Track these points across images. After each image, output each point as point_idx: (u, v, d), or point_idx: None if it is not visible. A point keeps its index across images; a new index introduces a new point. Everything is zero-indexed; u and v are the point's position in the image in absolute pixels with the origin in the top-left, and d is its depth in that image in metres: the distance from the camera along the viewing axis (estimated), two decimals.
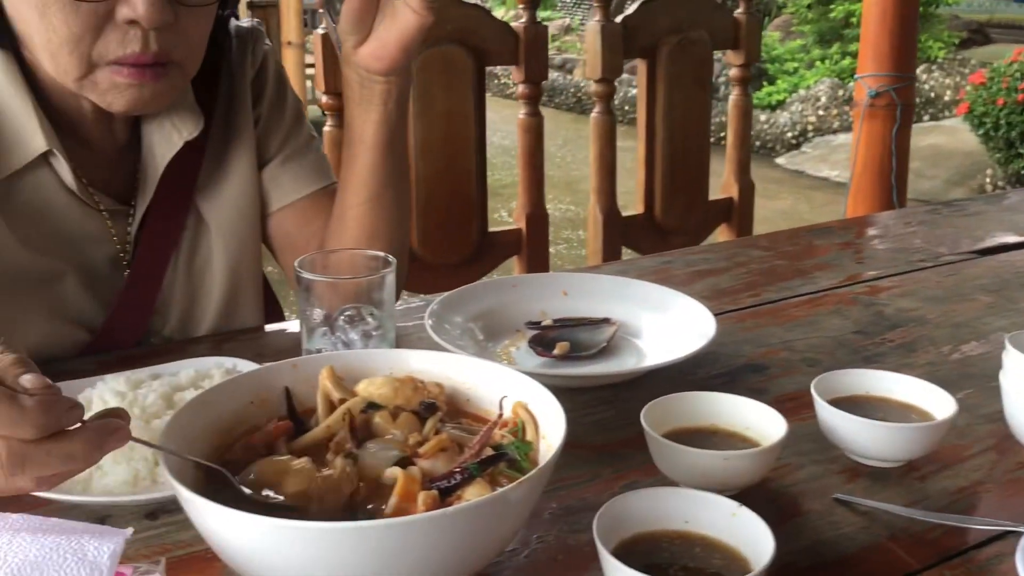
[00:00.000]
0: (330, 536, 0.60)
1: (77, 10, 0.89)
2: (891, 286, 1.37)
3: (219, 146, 1.14)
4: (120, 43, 0.92)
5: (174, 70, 0.97)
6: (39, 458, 0.59)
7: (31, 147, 0.99)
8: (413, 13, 0.95)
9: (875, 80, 3.07)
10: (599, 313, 1.18)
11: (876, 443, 0.87)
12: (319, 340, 0.93)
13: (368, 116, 1.04)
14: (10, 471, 0.58)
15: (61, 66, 0.93)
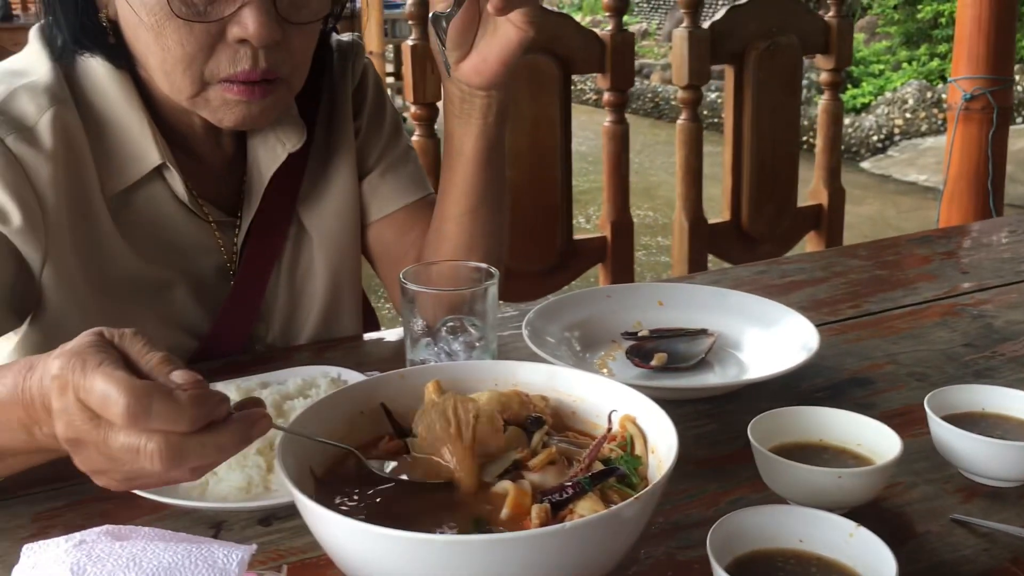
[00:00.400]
0: (447, 548, 0.60)
1: (191, 31, 0.92)
2: (998, 297, 1.33)
3: (321, 158, 1.16)
4: (231, 61, 0.94)
5: (281, 86, 0.99)
6: (195, 450, 0.62)
7: (146, 161, 1.02)
8: (515, 28, 0.95)
9: (970, 83, 2.98)
10: (696, 324, 1.16)
11: (995, 462, 0.84)
12: (423, 351, 0.94)
13: (468, 129, 1.05)
14: (168, 464, 0.62)
15: (175, 84, 0.96)
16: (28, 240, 0.96)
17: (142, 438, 0.61)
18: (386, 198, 1.21)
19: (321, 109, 1.16)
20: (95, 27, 0.98)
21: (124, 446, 0.62)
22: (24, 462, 0.77)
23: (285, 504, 0.81)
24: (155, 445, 0.61)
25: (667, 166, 7.32)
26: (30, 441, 0.71)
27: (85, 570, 0.57)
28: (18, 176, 0.95)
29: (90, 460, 0.65)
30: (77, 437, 0.64)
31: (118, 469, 0.64)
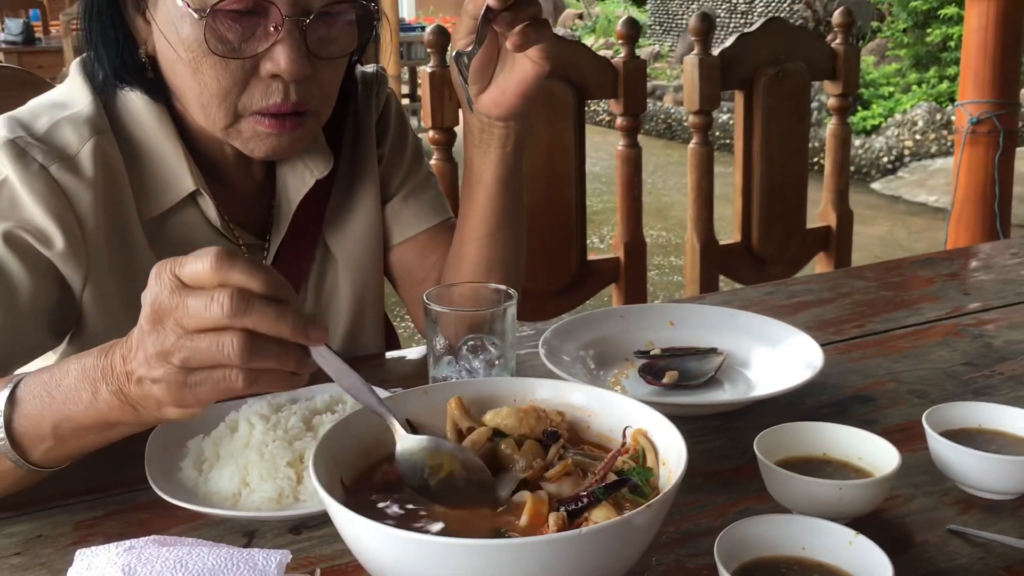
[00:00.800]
0: (469, 551, 0.64)
1: (226, 66, 0.98)
2: (999, 318, 1.37)
3: (346, 184, 1.22)
4: (263, 95, 1.00)
5: (310, 118, 1.04)
6: (261, 307, 0.69)
7: (181, 188, 1.08)
8: (531, 63, 1.01)
9: (976, 107, 3.03)
10: (706, 343, 1.21)
11: (990, 475, 0.88)
12: (445, 368, 0.99)
13: (487, 158, 1.10)
14: (233, 312, 0.68)
15: (211, 117, 1.01)
16: (70, 263, 1.02)
17: (216, 291, 0.69)
18: (408, 222, 1.26)
19: (346, 137, 1.22)
20: (135, 63, 1.03)
21: (200, 300, 0.69)
22: (78, 442, 0.82)
23: (315, 513, 0.86)
24: (227, 294, 0.69)
25: (680, 187, 7.36)
26: (90, 409, 0.78)
27: (135, 571, 0.62)
28: (61, 203, 1.01)
29: (162, 337, 0.71)
30: (159, 307, 0.71)
31: (185, 347, 0.70)
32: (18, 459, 0.82)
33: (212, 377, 0.72)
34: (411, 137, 1.29)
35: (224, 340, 0.70)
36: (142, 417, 0.78)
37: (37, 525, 0.88)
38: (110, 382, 0.77)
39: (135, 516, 0.89)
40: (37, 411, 0.80)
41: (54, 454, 0.83)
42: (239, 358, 0.70)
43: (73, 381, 0.79)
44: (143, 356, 0.73)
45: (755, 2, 11.92)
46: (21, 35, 6.97)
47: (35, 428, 0.81)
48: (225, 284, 0.70)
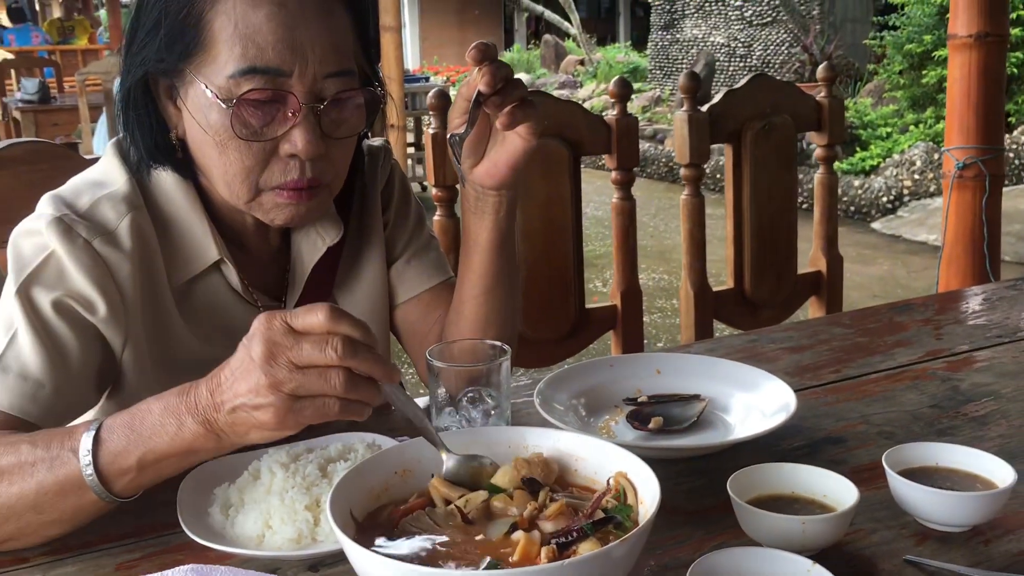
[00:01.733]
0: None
1: (249, 148, 1.09)
2: (967, 362, 1.46)
3: (354, 249, 1.32)
4: (282, 172, 1.11)
5: (324, 190, 1.16)
6: (364, 353, 0.88)
7: (206, 257, 1.18)
8: (520, 139, 1.12)
9: (962, 152, 3.14)
10: (690, 390, 1.30)
11: (943, 509, 0.97)
12: (446, 418, 1.09)
13: (482, 223, 1.21)
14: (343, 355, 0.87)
15: (235, 192, 1.13)
16: (111, 327, 1.12)
17: (327, 339, 0.87)
18: (411, 282, 1.36)
19: (354, 206, 1.33)
20: (166, 144, 1.15)
21: (314, 342, 0.87)
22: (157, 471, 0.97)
23: (331, 552, 0.95)
24: (339, 340, 0.87)
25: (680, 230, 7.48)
26: (175, 440, 0.93)
27: None
28: (103, 273, 1.12)
29: (276, 370, 0.87)
30: (274, 346, 0.88)
31: (296, 380, 0.87)
32: (103, 491, 0.95)
33: (314, 404, 0.89)
34: (414, 203, 1.40)
35: (331, 375, 0.87)
36: (223, 443, 0.94)
37: (81, 567, 0.97)
38: (196, 414, 0.92)
39: (170, 557, 0.98)
40: (122, 447, 0.94)
41: (134, 484, 0.97)
42: (342, 391, 0.88)
43: (157, 418, 0.94)
44: (249, 387, 0.88)
45: (753, 46, 12.14)
46: (37, 94, 7.16)
47: (120, 462, 0.94)
48: (335, 333, 0.87)
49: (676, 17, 13.43)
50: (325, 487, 1.01)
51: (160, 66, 1.10)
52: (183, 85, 1.10)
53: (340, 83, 1.11)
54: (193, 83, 1.09)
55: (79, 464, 0.94)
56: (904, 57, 8.72)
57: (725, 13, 12.60)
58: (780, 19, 11.78)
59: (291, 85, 1.07)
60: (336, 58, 1.10)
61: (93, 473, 0.94)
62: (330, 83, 1.10)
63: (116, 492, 0.96)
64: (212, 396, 0.91)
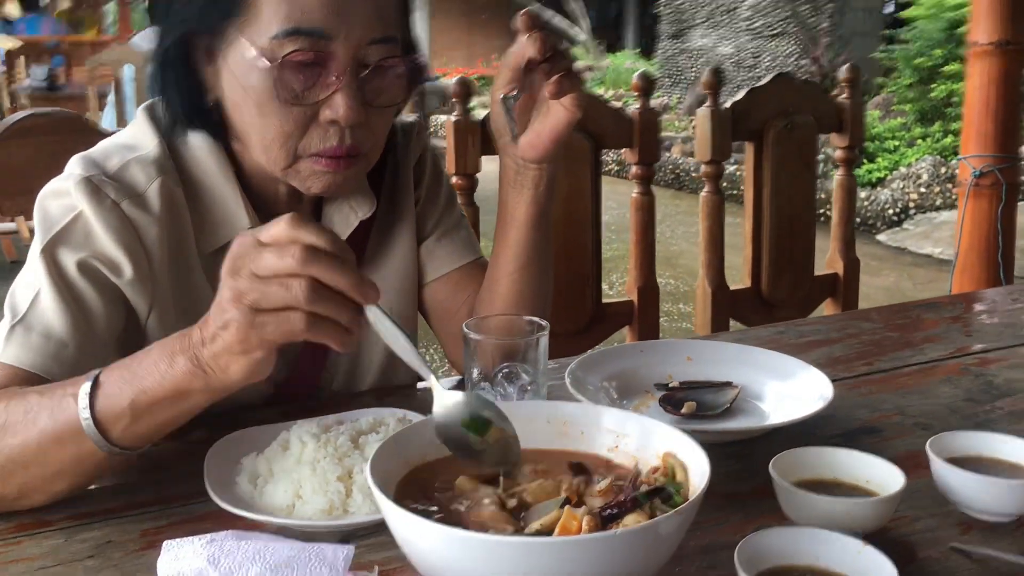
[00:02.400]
0: (510, 548, 0.71)
1: (290, 112, 1.07)
2: (999, 358, 1.44)
3: (384, 224, 1.30)
4: (321, 139, 1.09)
5: (361, 160, 1.14)
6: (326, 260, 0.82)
7: (238, 225, 1.16)
8: (564, 110, 1.10)
9: (979, 160, 3.12)
10: (721, 377, 1.28)
11: (989, 498, 0.95)
12: (482, 393, 1.06)
13: (521, 197, 1.19)
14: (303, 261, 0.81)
15: (272, 157, 1.10)
16: (138, 291, 1.10)
17: (288, 246, 0.82)
18: (441, 260, 1.34)
19: (386, 180, 1.31)
20: (203, 107, 1.13)
21: (273, 252, 0.82)
22: (152, 418, 0.93)
23: (363, 524, 0.93)
24: (297, 247, 0.81)
25: (688, 235, 7.46)
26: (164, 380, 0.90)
27: (219, 560, 0.69)
28: (131, 236, 1.09)
29: (237, 284, 0.84)
30: (237, 258, 0.84)
31: (256, 290, 0.83)
32: (99, 437, 0.92)
33: (277, 319, 0.83)
34: (445, 182, 1.38)
35: (292, 284, 0.82)
36: (211, 381, 0.89)
37: (107, 532, 0.95)
38: (186, 350, 0.89)
39: (197, 526, 0.96)
40: (117, 390, 0.91)
41: (130, 432, 0.93)
42: (304, 301, 0.82)
43: (153, 357, 0.91)
44: (217, 306, 0.86)
45: (761, 56, 12.15)
46: (46, 81, 7.15)
47: (114, 405, 0.91)
48: (297, 241, 0.82)
49: (685, 26, 13.43)
50: (357, 458, 0.99)
51: (201, 25, 1.08)
52: (224, 45, 1.08)
53: (383, 50, 1.09)
54: (235, 43, 1.07)
55: (77, 408, 0.92)
56: (913, 71, 8.72)
57: (734, 24, 12.61)
58: (789, 31, 11.79)
59: (334, 49, 1.05)
60: (380, 24, 1.08)
61: (89, 417, 0.91)
62: (373, 49, 1.08)
63: (113, 440, 0.93)
64: (202, 330, 0.88)
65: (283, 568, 0.69)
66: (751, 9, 12.40)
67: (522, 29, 1.04)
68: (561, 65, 1.06)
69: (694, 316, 2.53)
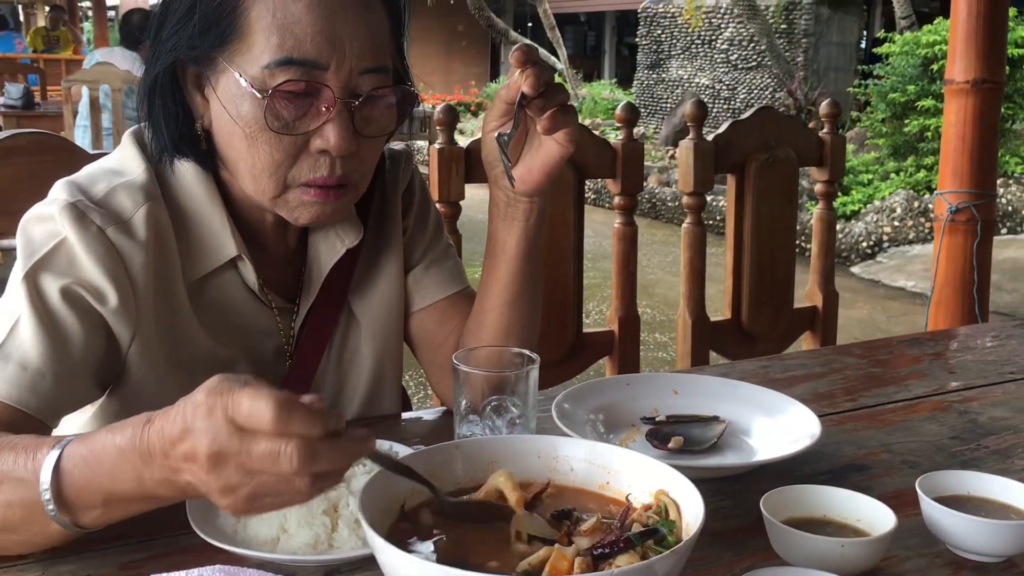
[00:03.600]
0: None
1: (280, 142, 1.06)
2: (983, 396, 1.44)
3: (371, 252, 1.29)
4: (311, 168, 1.08)
5: (350, 191, 1.12)
6: (325, 453, 0.75)
7: (224, 252, 1.15)
8: (558, 145, 1.10)
9: (955, 196, 3.16)
10: (708, 411, 1.28)
11: (980, 538, 0.95)
12: (469, 426, 1.05)
13: (511, 230, 1.18)
14: (304, 463, 0.74)
15: (261, 187, 1.09)
16: (121, 319, 1.08)
17: (282, 442, 0.74)
18: (429, 290, 1.33)
19: (373, 209, 1.30)
20: (191, 135, 1.11)
21: (265, 451, 0.74)
22: (126, 510, 0.88)
23: (349, 559, 0.91)
24: (293, 447, 0.73)
25: (664, 265, 7.49)
26: (138, 488, 0.83)
27: None
28: (116, 263, 1.07)
29: (226, 475, 0.76)
30: (220, 451, 0.75)
31: (250, 483, 0.76)
32: (68, 525, 0.87)
33: (277, 500, 0.78)
34: (433, 211, 1.37)
35: (293, 481, 0.76)
36: (196, 493, 0.82)
37: (84, 565, 0.92)
38: (154, 469, 0.81)
39: (178, 559, 0.94)
40: (85, 481, 0.85)
41: (103, 519, 0.89)
42: (307, 495, 0.77)
43: (113, 461, 0.83)
44: (201, 482, 0.78)
45: (738, 89, 12.29)
46: (21, 99, 7.08)
47: (86, 498, 0.86)
48: (287, 436, 0.74)
49: (662, 57, 13.58)
50: (343, 491, 0.97)
51: (191, 53, 1.07)
52: (214, 74, 1.07)
53: (375, 80, 1.08)
54: (225, 72, 1.05)
55: (39, 491, 0.86)
56: (887, 105, 8.84)
57: (711, 55, 12.76)
58: (765, 64, 11.94)
59: (327, 79, 1.04)
60: (373, 54, 1.07)
61: (54, 509, 0.86)
62: (365, 79, 1.07)
63: (84, 525, 0.89)
64: (168, 448, 0.79)
65: None
66: (728, 42, 12.56)
67: (515, 64, 1.04)
68: (555, 100, 1.06)
69: (672, 346, 2.53)
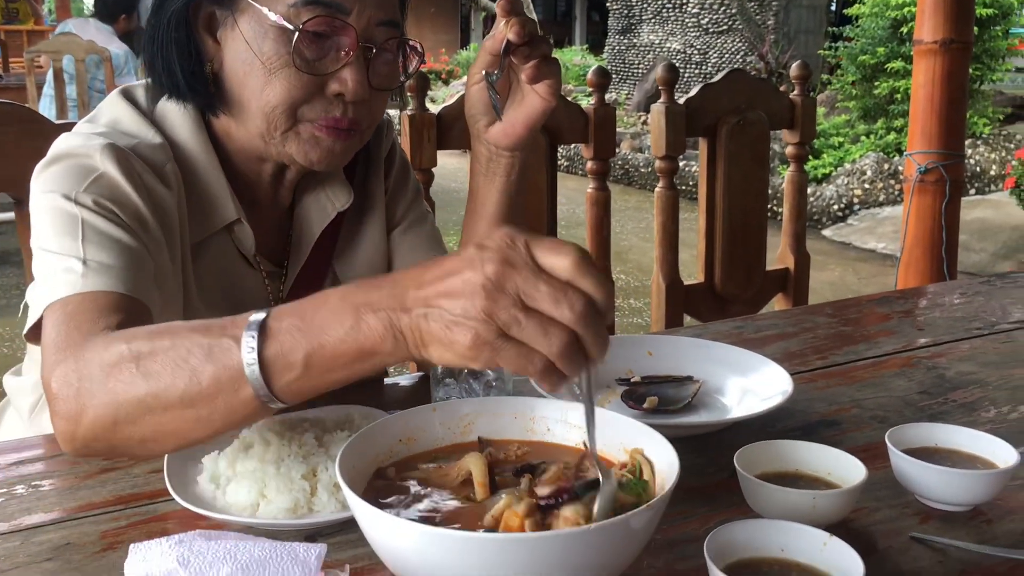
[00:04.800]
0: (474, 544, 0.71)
1: (300, 79, 1.07)
2: (950, 351, 1.47)
3: (356, 216, 1.30)
4: (325, 109, 1.09)
5: (356, 137, 1.14)
6: (598, 323, 0.73)
7: (223, 215, 1.16)
8: (539, 98, 1.11)
9: (924, 157, 3.19)
10: (682, 372, 1.29)
11: (948, 488, 0.97)
12: (446, 389, 1.06)
13: (492, 186, 1.19)
14: (580, 319, 0.71)
15: (272, 122, 1.09)
16: (156, 251, 1.08)
17: (570, 291, 0.71)
18: (407, 252, 1.34)
19: (358, 173, 1.30)
20: (202, 76, 1.11)
21: (550, 291, 0.71)
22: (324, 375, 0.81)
23: (328, 522, 0.92)
24: (578, 298, 0.71)
25: (637, 231, 7.52)
26: (348, 334, 0.77)
27: (189, 561, 0.68)
28: (156, 202, 1.09)
29: (495, 301, 0.71)
30: (506, 272, 0.72)
31: (512, 320, 0.71)
32: (264, 389, 0.81)
33: (519, 351, 0.73)
34: (412, 176, 1.38)
35: (553, 332, 0.72)
36: (400, 351, 0.77)
37: (65, 534, 0.93)
38: (377, 310, 0.77)
39: (158, 526, 0.94)
40: (291, 340, 0.80)
41: (297, 385, 0.82)
42: (557, 353, 0.72)
43: (330, 308, 0.79)
44: (464, 301, 0.73)
45: (709, 53, 12.27)
46: None
47: (286, 357, 0.80)
48: (575, 284, 0.72)
49: (633, 22, 13.52)
50: (322, 456, 0.98)
51: None
52: (234, 12, 1.08)
53: (388, 32, 1.11)
54: (249, 9, 1.07)
55: (239, 353, 0.81)
56: (857, 68, 8.87)
57: (682, 20, 12.73)
58: (736, 28, 11.93)
59: (348, 24, 1.06)
60: (389, 6, 1.10)
61: (255, 363, 0.80)
62: (380, 31, 1.10)
63: (277, 392, 0.82)
64: (406, 293, 0.76)
65: (254, 567, 0.68)
66: (699, 6, 12.52)
67: (501, 13, 1.05)
68: (539, 50, 1.07)
69: (647, 312, 2.55)
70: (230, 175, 1.17)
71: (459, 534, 0.71)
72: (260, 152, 1.14)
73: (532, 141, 1.16)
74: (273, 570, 0.68)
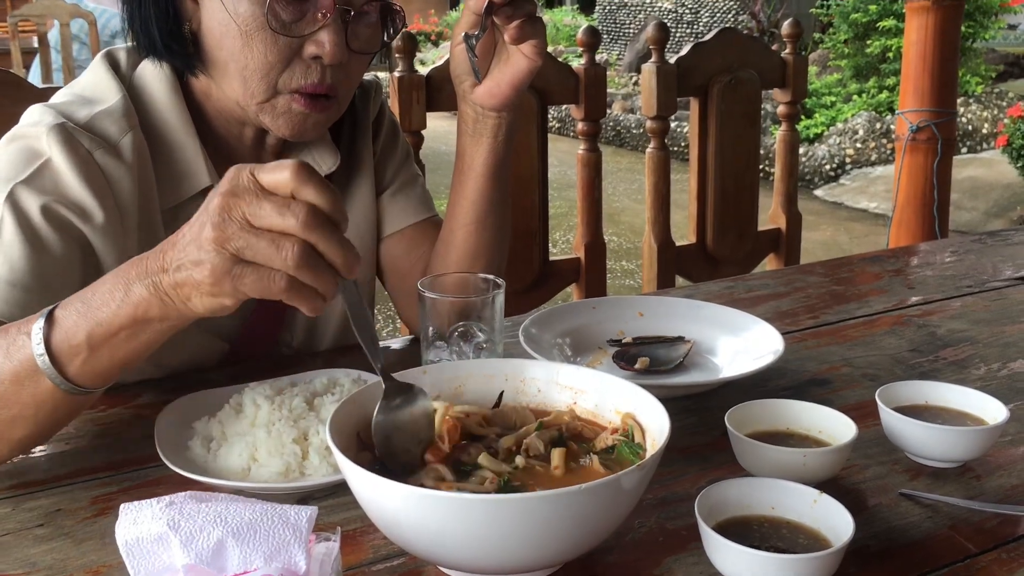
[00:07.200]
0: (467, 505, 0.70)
1: (276, 42, 1.05)
2: (941, 310, 1.47)
3: (343, 179, 1.28)
4: (303, 74, 1.08)
5: (334, 104, 1.12)
6: (328, 228, 0.76)
7: (197, 181, 1.14)
8: (525, 58, 1.09)
9: (916, 115, 3.18)
10: (673, 332, 1.29)
11: (937, 445, 0.97)
12: (436, 352, 1.06)
13: (479, 147, 1.18)
14: (305, 225, 0.75)
15: (250, 89, 1.08)
16: (106, 239, 1.07)
17: (291, 203, 0.75)
18: (397, 215, 1.33)
19: (344, 136, 1.29)
20: (180, 35, 1.10)
21: (275, 206, 0.75)
22: (109, 352, 0.86)
23: (320, 485, 0.92)
24: (304, 208, 0.75)
25: (629, 192, 7.50)
26: (120, 306, 0.83)
27: (179, 524, 0.68)
28: (103, 185, 1.07)
29: (226, 225, 0.76)
30: (229, 200, 0.76)
31: (245, 241, 0.76)
32: (55, 373, 0.85)
33: (258, 273, 0.77)
34: (402, 138, 1.37)
35: (285, 245, 0.75)
36: (169, 311, 0.82)
37: (55, 500, 0.92)
38: (143, 277, 0.82)
39: (149, 491, 0.94)
40: (72, 324, 0.85)
41: (88, 367, 0.86)
42: (293, 265, 0.76)
43: (107, 286, 0.84)
44: (195, 240, 0.78)
45: (700, 12, 12.16)
46: None
47: (70, 339, 0.85)
48: (298, 195, 0.76)
49: None
50: (313, 420, 0.98)
51: None
52: None
53: None
54: None
55: (31, 345, 0.85)
56: (849, 26, 8.81)
57: None
58: None
59: None
60: None
61: (44, 353, 0.85)
62: None
63: (71, 377, 0.86)
64: (164, 257, 0.81)
65: (245, 530, 0.67)
66: None
67: None
68: (523, 9, 1.06)
69: (639, 272, 2.55)
70: (209, 139, 1.16)
71: (449, 495, 0.71)
72: (240, 116, 1.13)
73: (519, 101, 1.15)
74: (264, 533, 0.68)
